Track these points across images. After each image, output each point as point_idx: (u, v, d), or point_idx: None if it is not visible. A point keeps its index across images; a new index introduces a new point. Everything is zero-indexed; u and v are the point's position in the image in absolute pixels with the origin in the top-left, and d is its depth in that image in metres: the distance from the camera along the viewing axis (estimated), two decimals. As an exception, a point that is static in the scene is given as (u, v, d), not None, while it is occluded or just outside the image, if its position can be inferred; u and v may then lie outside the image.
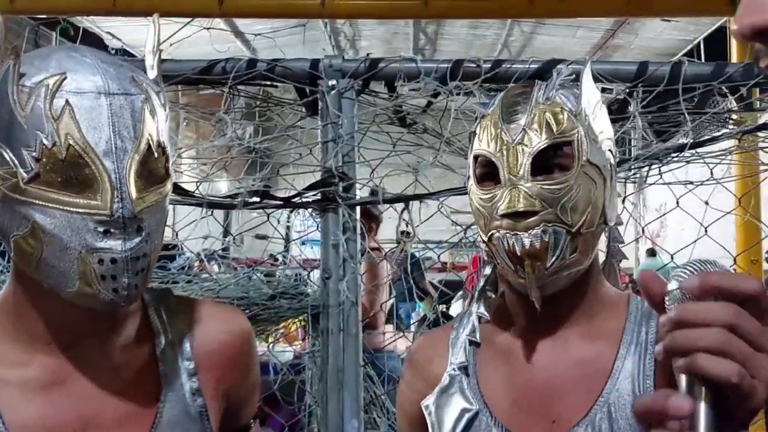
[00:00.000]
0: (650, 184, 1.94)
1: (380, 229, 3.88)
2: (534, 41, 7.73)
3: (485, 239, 1.13)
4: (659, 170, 1.86)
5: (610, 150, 1.16)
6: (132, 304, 1.00)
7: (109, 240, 0.92)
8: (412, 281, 2.72)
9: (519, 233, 1.07)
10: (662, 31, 6.81)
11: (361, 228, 2.13)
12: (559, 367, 1.12)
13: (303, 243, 2.92)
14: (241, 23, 7.20)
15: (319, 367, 2.21)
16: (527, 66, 1.96)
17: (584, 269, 1.11)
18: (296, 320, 2.72)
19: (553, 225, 1.07)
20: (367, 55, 2.13)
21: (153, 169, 0.97)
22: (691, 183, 1.88)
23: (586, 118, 1.11)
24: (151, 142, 0.95)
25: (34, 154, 0.91)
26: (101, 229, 0.91)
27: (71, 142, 0.90)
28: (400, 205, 2.16)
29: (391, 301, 3.83)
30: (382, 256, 3.12)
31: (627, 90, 1.92)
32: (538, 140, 1.09)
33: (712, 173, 1.88)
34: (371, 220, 3.67)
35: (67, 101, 0.91)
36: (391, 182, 2.16)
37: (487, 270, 1.27)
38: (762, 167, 2.02)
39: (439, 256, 2.91)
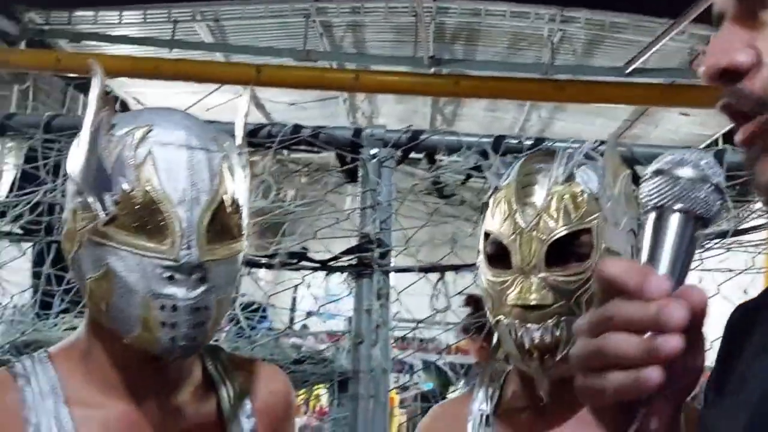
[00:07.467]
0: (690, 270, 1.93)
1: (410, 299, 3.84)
2: (552, 126, 7.85)
3: (492, 321, 1.08)
4: (700, 256, 1.87)
5: (632, 230, 1.09)
6: (188, 356, 1.02)
7: (173, 287, 0.94)
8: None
9: (528, 325, 1.01)
10: (681, 124, 6.93)
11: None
12: None
13: (311, 314, 2.90)
14: (263, 96, 7.37)
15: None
16: (569, 145, 2.00)
17: None
18: (319, 387, 2.70)
19: (566, 318, 1.00)
20: (409, 126, 2.18)
21: (225, 224, 0.99)
22: (731, 271, 1.88)
23: (609, 199, 1.04)
24: (225, 197, 0.98)
25: (114, 197, 0.95)
26: (167, 275, 0.94)
27: (149, 188, 0.95)
28: (434, 276, 2.17)
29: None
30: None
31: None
32: (554, 227, 1.02)
33: (754, 262, 1.88)
34: None
35: (150, 151, 0.96)
36: (427, 252, 2.18)
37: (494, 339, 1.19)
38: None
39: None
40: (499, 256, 1.06)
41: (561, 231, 1.02)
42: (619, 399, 0.57)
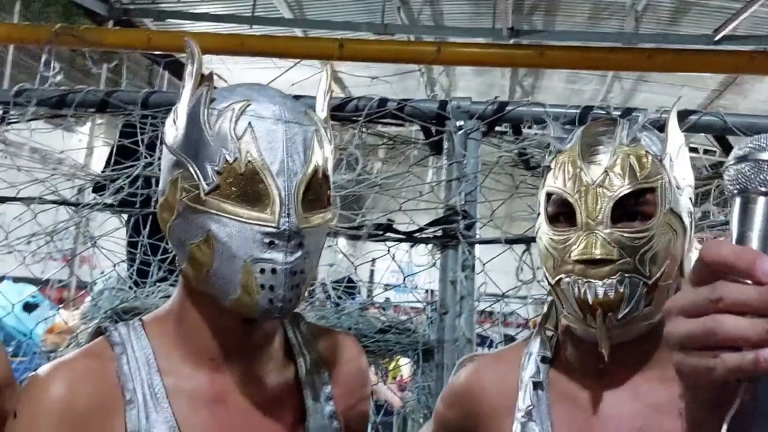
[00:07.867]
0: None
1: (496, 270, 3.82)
2: (635, 98, 7.66)
3: (551, 282, 1.08)
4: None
5: (690, 198, 1.10)
6: (285, 317, 1.08)
7: (273, 252, 0.99)
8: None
9: (592, 281, 1.01)
10: (773, 93, 6.66)
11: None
12: (633, 416, 1.05)
13: (394, 287, 2.94)
14: (342, 71, 7.44)
15: (423, 403, 2.23)
16: (659, 115, 1.96)
17: (656, 322, 1.04)
18: (399, 358, 2.75)
19: (630, 275, 1.01)
20: (495, 97, 2.18)
21: (317, 193, 1.04)
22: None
23: (671, 163, 1.06)
24: (317, 168, 1.04)
25: (216, 167, 1.00)
26: (267, 241, 0.99)
27: (250, 159, 1.00)
28: (519, 249, 2.17)
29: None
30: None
31: None
32: (620, 184, 1.03)
33: None
34: None
35: (249, 123, 1.01)
36: (511, 225, 2.18)
37: (545, 308, 1.21)
38: None
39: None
40: (562, 214, 1.07)
41: (627, 188, 1.03)
42: (730, 377, 0.58)
